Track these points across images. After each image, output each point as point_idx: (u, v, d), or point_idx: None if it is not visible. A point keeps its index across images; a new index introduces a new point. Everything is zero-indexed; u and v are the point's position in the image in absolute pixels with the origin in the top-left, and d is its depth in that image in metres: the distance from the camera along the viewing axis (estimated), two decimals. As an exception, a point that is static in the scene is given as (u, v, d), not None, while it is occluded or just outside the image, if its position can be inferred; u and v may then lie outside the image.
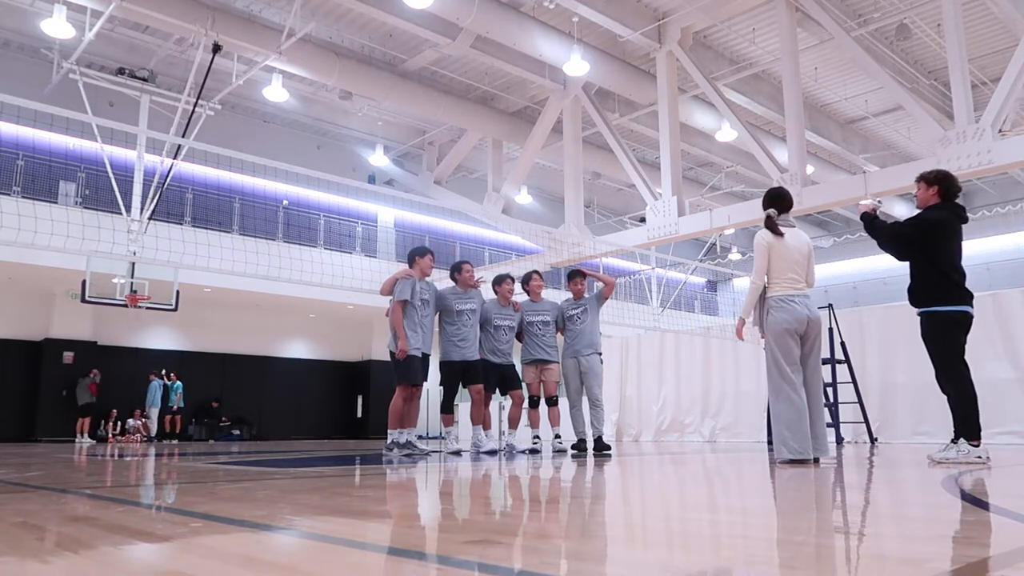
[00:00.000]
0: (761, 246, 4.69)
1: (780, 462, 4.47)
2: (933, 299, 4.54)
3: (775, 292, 4.66)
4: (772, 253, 4.67)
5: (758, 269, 4.68)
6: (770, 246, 4.67)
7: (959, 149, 10.04)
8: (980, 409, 4.45)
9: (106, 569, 1.36)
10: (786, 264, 4.67)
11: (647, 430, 12.79)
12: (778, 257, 4.66)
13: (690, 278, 22.04)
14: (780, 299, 4.64)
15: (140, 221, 11.84)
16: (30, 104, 5.37)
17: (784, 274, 4.66)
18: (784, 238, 4.70)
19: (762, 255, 4.68)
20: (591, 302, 7.14)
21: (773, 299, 4.66)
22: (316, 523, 1.98)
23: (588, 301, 7.14)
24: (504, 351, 6.97)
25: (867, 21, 13.02)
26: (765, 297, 4.73)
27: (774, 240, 4.68)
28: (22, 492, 3.03)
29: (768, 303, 4.68)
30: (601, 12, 12.30)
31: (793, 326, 4.59)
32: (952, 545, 1.58)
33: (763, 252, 4.68)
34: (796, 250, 4.73)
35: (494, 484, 3.58)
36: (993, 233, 21.59)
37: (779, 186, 5.20)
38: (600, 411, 6.89)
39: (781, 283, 4.66)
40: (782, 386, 4.55)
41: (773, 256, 4.66)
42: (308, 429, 19.46)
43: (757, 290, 4.70)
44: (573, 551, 1.54)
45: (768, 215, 4.78)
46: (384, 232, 19.60)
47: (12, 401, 15.89)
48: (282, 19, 12.87)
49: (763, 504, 2.67)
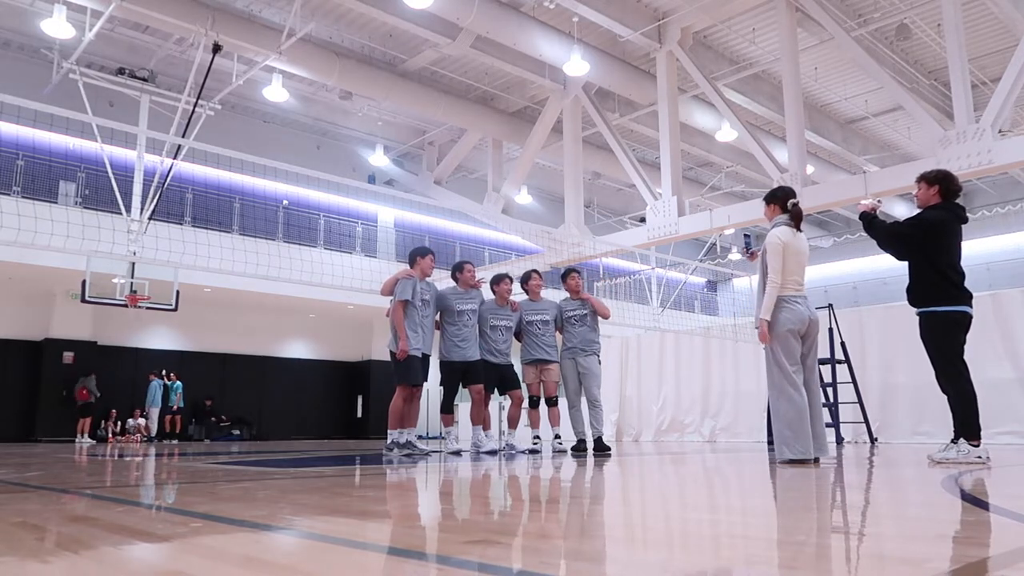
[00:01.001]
0: (777, 246, 4.65)
1: (781, 462, 4.47)
2: (932, 299, 4.54)
3: (781, 292, 4.65)
4: (786, 253, 4.65)
5: (776, 268, 4.62)
6: (785, 246, 4.65)
7: (959, 149, 10.04)
8: (980, 409, 4.45)
9: (106, 569, 1.36)
10: (794, 265, 4.68)
11: (647, 430, 12.79)
12: (789, 257, 4.66)
13: (690, 278, 22.04)
14: (786, 300, 4.63)
15: (140, 221, 11.83)
16: (30, 104, 5.37)
17: (791, 275, 4.66)
18: (793, 239, 4.72)
19: (778, 255, 4.64)
20: (589, 305, 7.12)
21: (778, 299, 4.64)
22: (316, 523, 1.98)
23: (586, 303, 7.12)
24: (502, 351, 6.95)
25: (867, 21, 13.02)
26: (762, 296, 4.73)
27: (789, 240, 4.68)
28: (22, 492, 3.03)
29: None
30: (601, 12, 12.30)
31: (796, 326, 4.60)
32: (952, 545, 1.58)
33: (779, 252, 4.64)
34: (802, 252, 4.77)
35: (494, 484, 3.58)
36: (993, 233, 21.59)
37: (789, 187, 5.20)
38: (599, 411, 6.88)
39: (787, 284, 4.66)
40: (784, 386, 4.54)
41: (786, 256, 4.65)
42: (308, 429, 19.46)
43: (777, 290, 4.63)
44: (573, 551, 1.54)
45: (796, 203, 4.79)
46: (384, 232, 19.60)
47: (12, 401, 15.89)
48: (282, 19, 12.87)
49: (763, 504, 2.67)
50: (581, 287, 7.22)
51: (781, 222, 4.79)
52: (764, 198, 5.05)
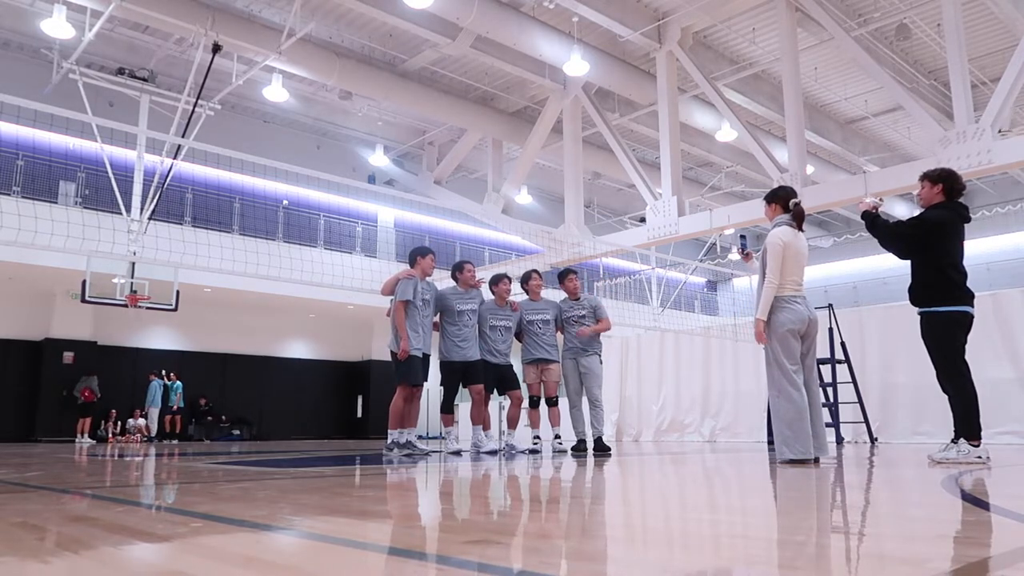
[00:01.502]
0: (777, 246, 4.65)
1: (781, 462, 4.46)
2: (934, 299, 4.54)
3: (780, 293, 4.65)
4: (787, 253, 4.65)
5: (774, 269, 4.62)
6: (786, 246, 4.65)
7: (959, 149, 10.04)
8: (981, 409, 4.45)
9: (106, 569, 1.36)
10: (794, 265, 4.68)
11: (647, 430, 12.79)
12: (789, 257, 4.66)
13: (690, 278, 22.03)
14: (786, 300, 4.63)
15: (140, 221, 11.83)
16: (30, 104, 5.37)
17: (791, 275, 4.67)
18: (794, 239, 4.72)
19: (778, 255, 4.64)
20: (588, 305, 7.12)
21: (778, 299, 4.65)
22: (316, 523, 1.98)
23: (586, 303, 7.13)
24: (501, 351, 6.95)
25: (867, 21, 13.02)
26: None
27: (790, 240, 4.68)
28: (22, 492, 3.03)
29: (772, 303, 4.66)
30: (601, 12, 12.30)
31: (797, 326, 4.61)
32: (952, 545, 1.58)
33: (779, 252, 4.64)
34: (802, 252, 4.77)
35: (494, 484, 3.58)
36: (993, 233, 21.59)
37: (790, 186, 5.18)
38: (600, 411, 6.89)
39: (787, 284, 4.66)
40: (784, 385, 4.54)
41: (787, 256, 4.65)
42: (308, 429, 19.46)
43: (774, 290, 4.63)
44: (573, 551, 1.54)
45: (798, 202, 4.80)
46: (384, 232, 19.60)
47: (12, 401, 15.88)
48: (282, 19, 12.87)
49: (763, 504, 2.67)
50: (579, 289, 7.23)
51: (782, 222, 4.78)
52: (765, 197, 5.04)
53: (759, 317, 4.63)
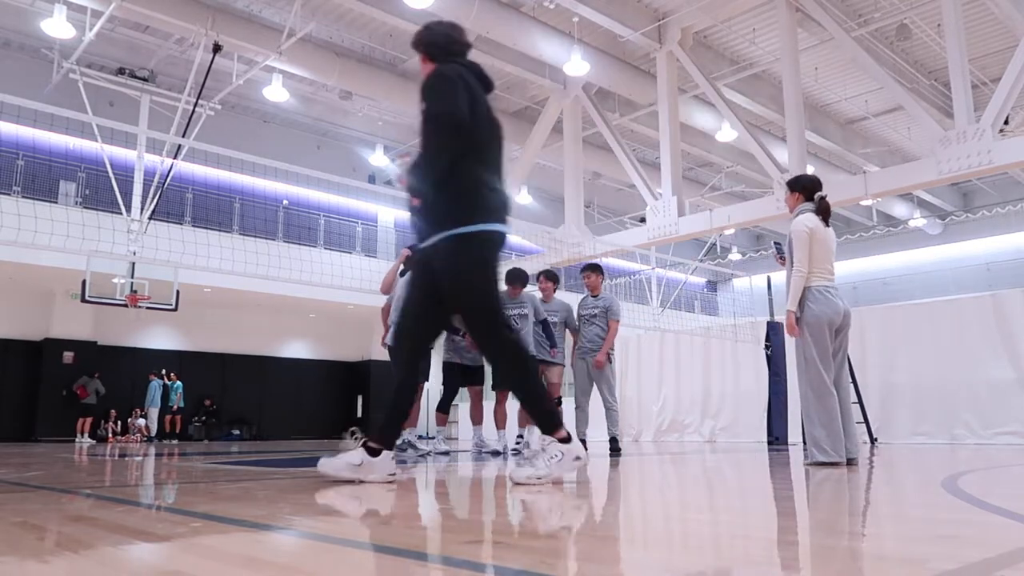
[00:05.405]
0: (803, 233, 4.39)
1: (812, 463, 4.24)
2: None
3: (813, 283, 4.37)
4: (814, 238, 4.40)
5: (802, 257, 4.36)
6: (812, 233, 4.39)
7: (959, 149, 10.04)
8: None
9: (106, 569, 1.36)
10: (825, 253, 4.43)
11: (647, 430, 12.79)
12: (819, 245, 4.40)
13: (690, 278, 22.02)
14: (819, 290, 4.35)
15: (140, 221, 11.84)
16: (30, 104, 5.37)
17: (822, 264, 4.40)
18: (820, 226, 4.48)
19: (805, 241, 4.37)
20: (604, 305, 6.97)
21: (811, 290, 4.37)
22: (316, 523, 1.98)
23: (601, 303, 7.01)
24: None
25: (867, 21, 13.02)
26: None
27: (816, 226, 4.44)
28: (22, 492, 3.03)
29: (804, 295, 4.39)
30: (601, 12, 12.30)
31: (832, 319, 4.34)
32: (952, 545, 1.58)
33: (805, 238, 4.37)
34: (832, 240, 4.54)
35: (494, 484, 3.58)
36: (993, 233, 21.59)
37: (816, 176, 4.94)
38: (614, 413, 6.79)
39: (819, 273, 4.38)
40: (816, 384, 4.28)
41: (814, 243, 4.39)
42: (308, 429, 19.46)
43: (804, 279, 4.35)
44: (574, 551, 1.54)
45: (823, 196, 4.57)
46: (384, 232, 19.60)
47: (12, 401, 15.88)
48: (282, 19, 12.87)
49: (763, 504, 2.67)
50: (598, 286, 7.01)
51: (806, 209, 4.54)
52: (787, 183, 4.80)
53: (790, 309, 4.37)
